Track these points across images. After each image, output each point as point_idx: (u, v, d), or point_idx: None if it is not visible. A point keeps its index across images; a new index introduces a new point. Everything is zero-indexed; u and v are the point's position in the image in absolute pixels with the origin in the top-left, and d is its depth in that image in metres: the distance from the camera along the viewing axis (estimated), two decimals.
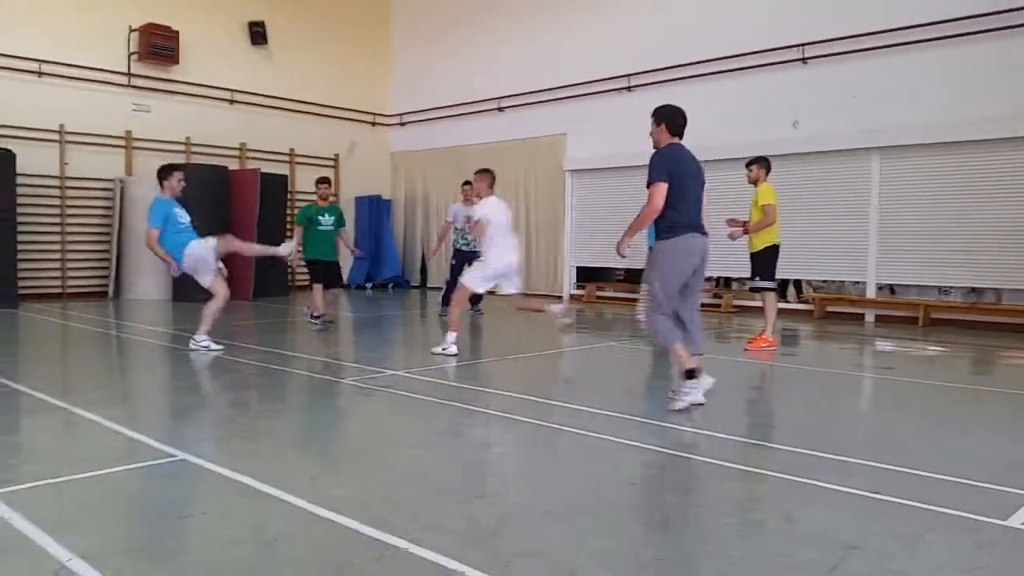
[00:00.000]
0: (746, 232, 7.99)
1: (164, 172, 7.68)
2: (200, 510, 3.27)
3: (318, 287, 9.47)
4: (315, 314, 9.34)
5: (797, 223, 11.10)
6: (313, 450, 4.30)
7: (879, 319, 10.95)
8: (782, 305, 11.71)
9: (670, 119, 5.30)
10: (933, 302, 10.88)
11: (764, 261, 8.02)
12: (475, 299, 11.13)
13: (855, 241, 11.05)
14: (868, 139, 10.79)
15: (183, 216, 7.54)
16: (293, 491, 3.32)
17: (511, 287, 7.55)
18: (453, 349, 7.24)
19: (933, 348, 8.71)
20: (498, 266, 7.40)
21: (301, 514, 3.10)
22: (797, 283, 13.12)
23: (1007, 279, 10.01)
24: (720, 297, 12.78)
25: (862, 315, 11.12)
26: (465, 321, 10.66)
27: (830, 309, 11.49)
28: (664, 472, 3.81)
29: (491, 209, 7.52)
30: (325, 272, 9.55)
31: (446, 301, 11.17)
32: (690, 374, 4.98)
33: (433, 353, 7.27)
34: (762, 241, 7.96)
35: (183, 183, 7.74)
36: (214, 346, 7.41)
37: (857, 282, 11.53)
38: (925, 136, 10.35)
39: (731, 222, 8.12)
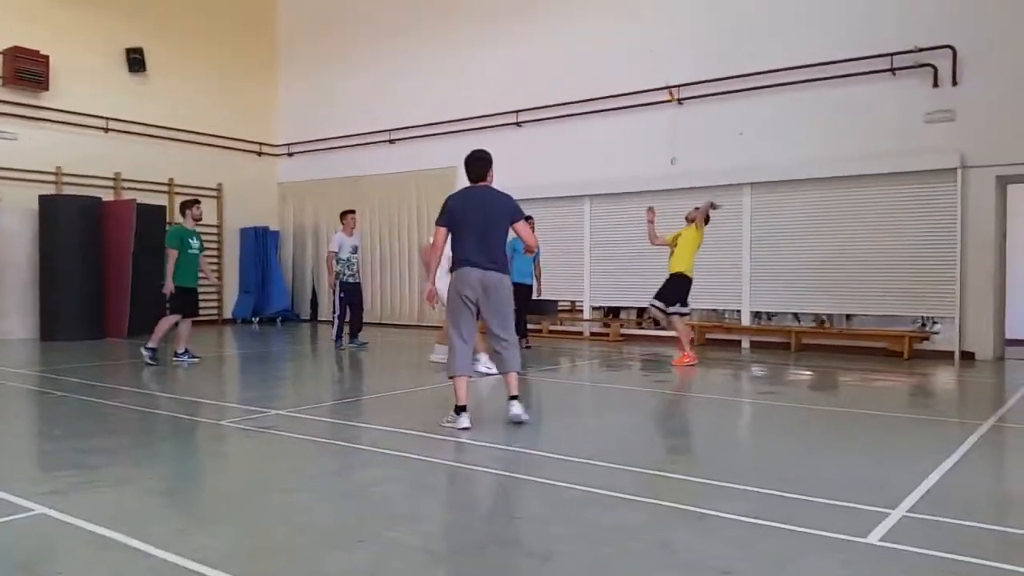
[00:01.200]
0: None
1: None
2: (58, 568, 3.05)
3: (174, 318, 9.10)
4: (151, 346, 8.98)
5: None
6: (185, 498, 4.10)
7: (754, 345, 11.48)
8: (669, 333, 12.15)
9: (466, 168, 5.80)
10: (803, 328, 11.50)
11: (673, 288, 9.13)
12: (355, 331, 11.05)
13: (731, 271, 11.58)
14: (741, 175, 11.38)
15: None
16: (159, 544, 3.14)
17: None
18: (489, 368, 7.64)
19: (803, 373, 9.18)
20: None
21: (167, 568, 2.94)
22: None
23: (862, 305, 10.75)
24: (608, 326, 13.07)
25: (739, 341, 11.62)
26: (352, 357, 10.49)
27: (709, 336, 11.97)
28: (548, 505, 3.83)
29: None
30: (191, 301, 9.27)
31: (339, 336, 11.03)
32: (460, 409, 5.47)
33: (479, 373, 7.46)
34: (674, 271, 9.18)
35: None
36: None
37: (732, 310, 12.09)
38: (788, 173, 11.02)
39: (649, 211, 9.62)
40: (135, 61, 14.79)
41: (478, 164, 5.72)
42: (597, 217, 12.90)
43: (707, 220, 9.47)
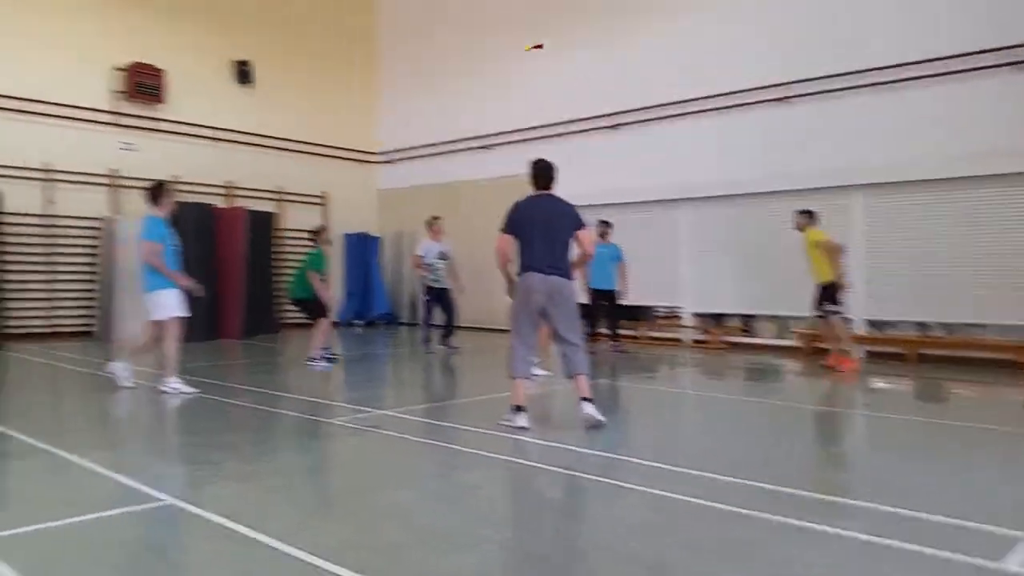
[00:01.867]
0: (841, 277, 9.19)
1: (158, 189, 7.49)
2: (185, 556, 3.20)
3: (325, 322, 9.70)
4: (326, 349, 9.58)
5: (784, 260, 11.17)
6: (299, 494, 4.23)
7: (869, 355, 10.96)
8: (779, 342, 11.80)
9: (532, 175, 5.98)
10: (922, 338, 10.89)
11: (829, 292, 9.16)
12: (447, 335, 11.22)
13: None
14: (850, 177, 10.92)
15: (175, 238, 7.46)
16: (278, 536, 3.26)
17: None
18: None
19: (922, 384, 8.73)
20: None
21: (286, 559, 3.05)
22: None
23: (986, 314, 10.06)
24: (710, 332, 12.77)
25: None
26: (447, 361, 10.62)
27: (820, 345, 11.49)
28: (657, 514, 3.76)
29: None
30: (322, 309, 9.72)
31: (426, 340, 11.23)
32: (517, 409, 5.65)
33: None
34: (826, 276, 9.16)
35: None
36: (186, 389, 7.23)
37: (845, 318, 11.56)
38: (903, 174, 10.49)
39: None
40: (243, 74, 15.47)
41: (548, 173, 5.93)
42: (696, 220, 12.63)
43: (798, 226, 9.49)
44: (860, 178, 10.89)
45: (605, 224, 11.53)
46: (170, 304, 7.26)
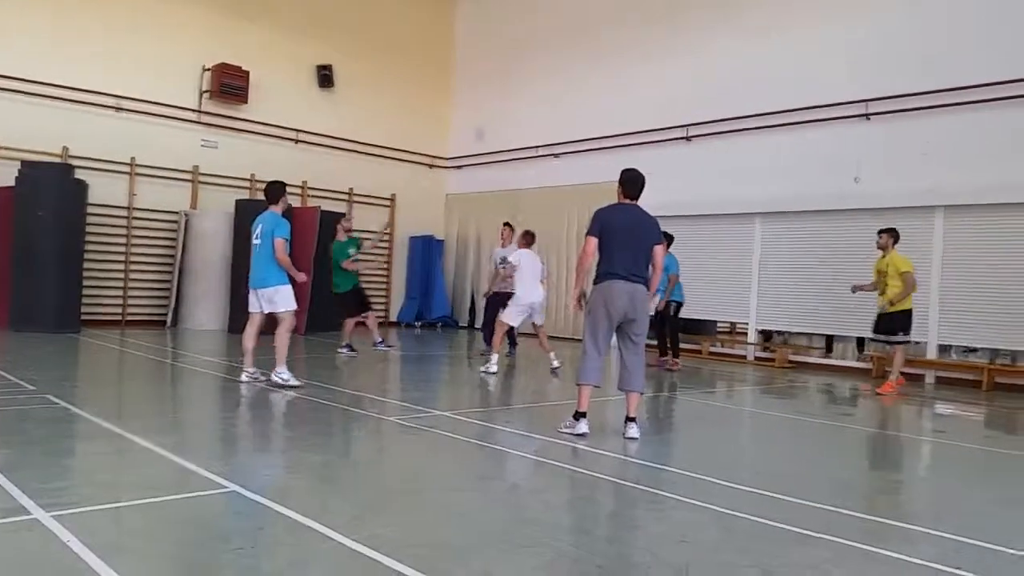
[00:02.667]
0: (891, 304, 8.96)
1: (280, 188, 7.71)
2: (248, 543, 3.27)
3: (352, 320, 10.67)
4: (347, 343, 10.43)
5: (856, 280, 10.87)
6: (358, 487, 4.28)
7: (940, 380, 10.57)
8: (844, 363, 11.49)
9: (622, 185, 5.90)
10: (996, 365, 10.48)
11: (904, 320, 9.03)
12: (511, 343, 11.24)
13: (916, 300, 10.72)
14: (932, 197, 10.55)
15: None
16: (337, 528, 3.31)
17: (539, 319, 9.75)
18: (494, 368, 9.05)
19: (996, 413, 8.36)
20: (525, 303, 9.44)
21: (345, 552, 3.09)
22: (860, 341, 12.75)
23: None
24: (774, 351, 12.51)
25: (923, 376, 10.75)
26: (507, 365, 10.63)
27: (888, 369, 11.12)
28: (718, 531, 3.68)
29: (524, 259, 9.63)
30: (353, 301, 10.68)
31: (488, 340, 11.29)
32: (579, 415, 5.69)
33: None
34: (901, 305, 8.95)
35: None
36: (294, 381, 7.28)
37: (917, 342, 11.17)
38: (983, 197, 10.10)
39: (856, 287, 9.57)
40: (324, 77, 15.83)
41: (637, 184, 5.88)
42: (768, 236, 12.37)
43: (881, 246, 9.23)
44: (940, 199, 10.52)
45: (665, 236, 11.25)
46: (290, 298, 7.44)
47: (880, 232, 9.20)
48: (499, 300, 11.33)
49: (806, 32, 12.05)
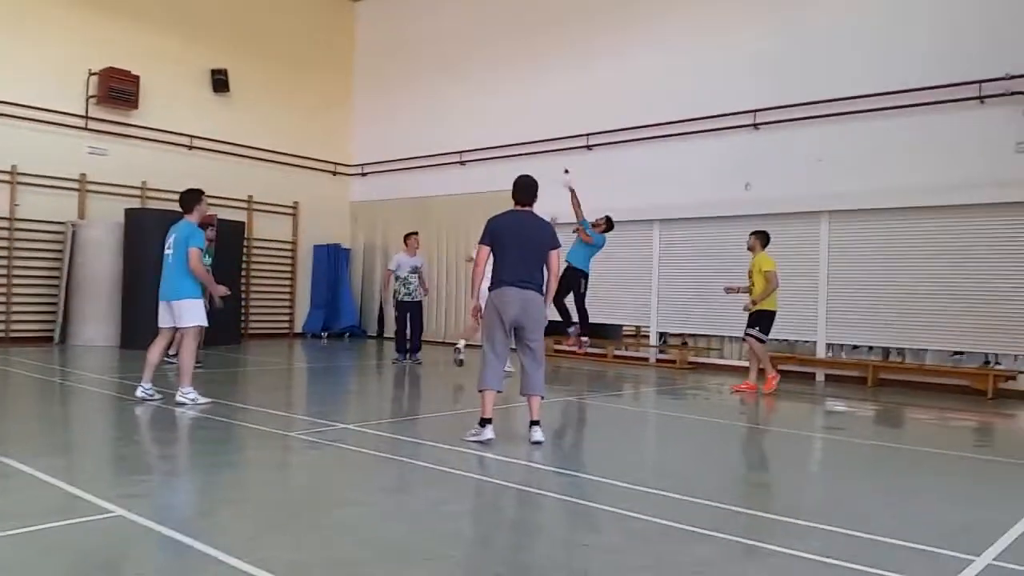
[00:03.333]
0: (754, 303, 9.17)
1: (195, 196, 7.38)
2: (135, 570, 3.13)
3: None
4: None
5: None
6: (254, 507, 4.17)
7: (829, 378, 11.12)
8: (742, 363, 11.90)
9: (514, 190, 6.03)
10: (881, 363, 11.11)
11: (765, 318, 9.22)
12: (415, 347, 11.28)
13: (806, 301, 11.28)
14: (819, 203, 11.10)
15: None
16: (230, 551, 3.21)
17: None
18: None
19: (879, 408, 8.86)
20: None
21: (236, 575, 3.00)
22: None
23: (949, 341, 10.30)
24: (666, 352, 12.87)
25: (813, 374, 11.28)
26: (412, 374, 10.57)
27: (781, 367, 11.62)
28: (619, 534, 3.76)
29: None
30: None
31: (401, 350, 11.24)
32: (484, 422, 5.72)
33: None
34: (764, 304, 9.18)
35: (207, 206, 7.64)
36: (201, 400, 7.05)
37: (807, 341, 11.74)
38: (873, 201, 10.70)
39: (728, 289, 9.75)
40: (219, 82, 15.35)
41: (530, 190, 5.98)
42: (666, 242, 12.75)
43: (751, 247, 9.45)
44: (827, 205, 11.09)
45: (607, 220, 11.03)
46: (198, 313, 7.16)
47: (751, 234, 9.49)
48: (408, 309, 11.35)
49: (702, 44, 12.48)
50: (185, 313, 7.08)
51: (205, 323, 7.31)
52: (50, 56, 13.20)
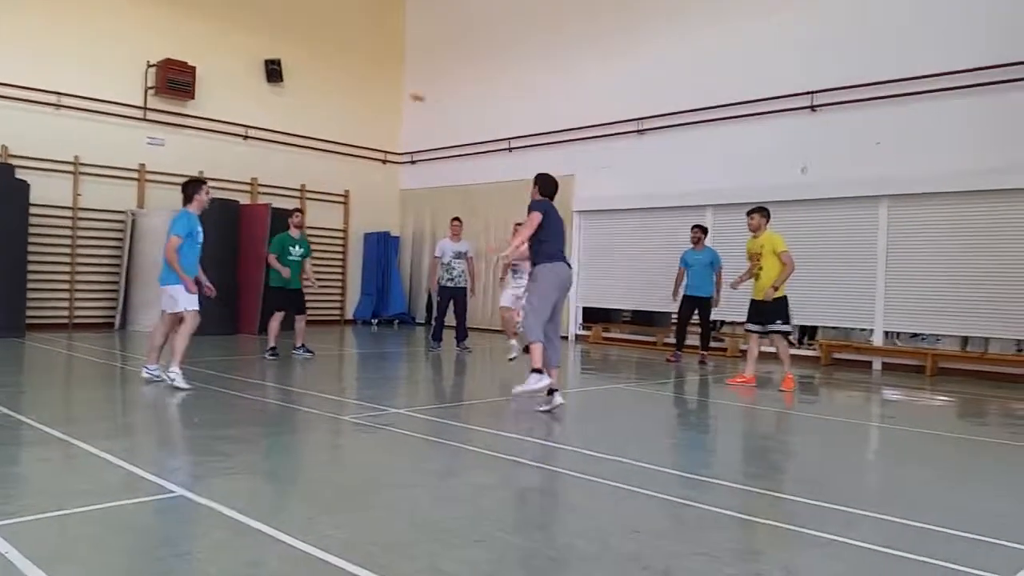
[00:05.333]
0: (775, 289, 8.19)
1: (196, 185, 7.58)
2: (196, 547, 3.23)
3: (278, 315, 9.94)
4: (272, 346, 9.82)
5: (805, 269, 11.16)
6: (310, 488, 4.25)
7: (886, 367, 10.86)
8: (795, 352, 11.68)
9: (542, 184, 6.71)
10: (941, 351, 10.81)
11: (784, 307, 8.35)
12: (462, 335, 11.35)
13: (863, 288, 11.01)
14: (877, 187, 10.81)
15: (201, 235, 7.50)
16: (288, 530, 3.28)
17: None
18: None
19: (940, 398, 8.62)
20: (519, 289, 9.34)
21: (295, 554, 3.06)
22: (804, 329, 13.03)
23: (1014, 330, 9.95)
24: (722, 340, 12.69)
25: (869, 363, 11.03)
26: (460, 361, 10.62)
27: (837, 356, 11.41)
28: (668, 520, 3.75)
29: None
30: (290, 300, 10.00)
31: (436, 337, 11.35)
32: (537, 371, 6.17)
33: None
34: (779, 291, 8.27)
35: (210, 196, 7.71)
36: (182, 383, 7.08)
37: (863, 329, 11.47)
38: (935, 185, 10.38)
39: (736, 284, 8.82)
40: (273, 72, 15.59)
41: (555, 186, 6.76)
42: (720, 227, 12.53)
43: (754, 227, 8.49)
44: (886, 189, 10.78)
45: (699, 229, 11.06)
46: (186, 298, 7.28)
47: (750, 213, 8.55)
48: (451, 296, 11.40)
49: (754, 24, 12.22)
50: (178, 297, 7.26)
51: (196, 307, 7.32)
52: (109, 48, 13.56)
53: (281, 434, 5.71)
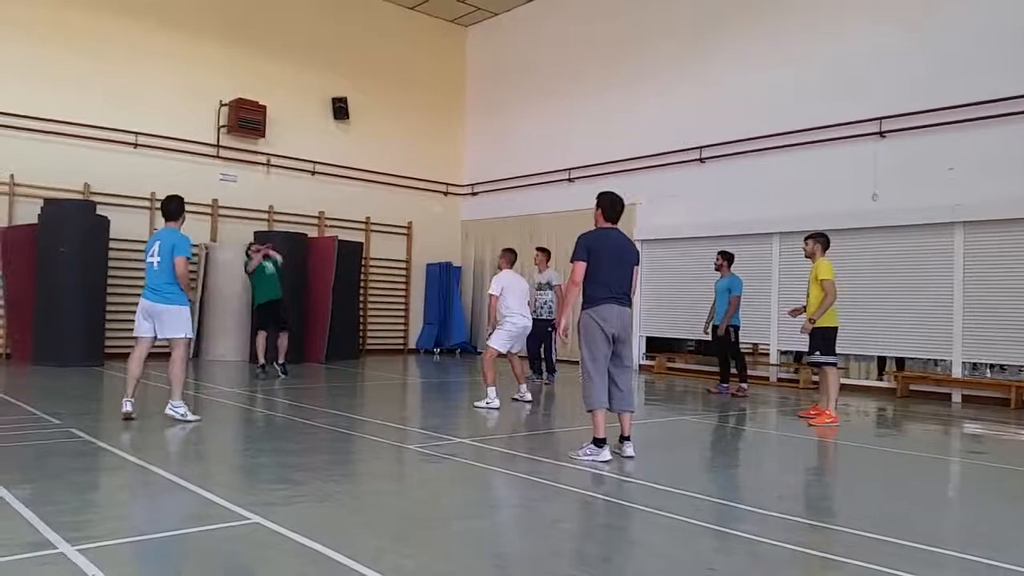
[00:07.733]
0: (812, 321, 7.95)
1: (181, 203, 7.41)
2: (271, 574, 3.27)
3: (261, 334, 10.52)
4: (261, 363, 10.34)
5: (877, 298, 10.93)
6: (379, 518, 4.27)
7: (966, 399, 10.42)
8: (871, 383, 11.34)
9: (606, 207, 6.01)
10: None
11: (822, 338, 8.02)
12: (550, 368, 11.19)
13: (940, 317, 10.63)
14: (952, 213, 10.47)
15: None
16: (361, 559, 3.30)
17: (518, 346, 9.02)
18: (496, 403, 8.32)
19: (1018, 431, 8.23)
20: (513, 329, 8.66)
21: None
22: (881, 360, 12.63)
23: None
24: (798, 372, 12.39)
25: (948, 395, 10.60)
26: (537, 390, 10.58)
27: (914, 388, 11.00)
28: (745, 558, 3.64)
29: (507, 281, 8.73)
30: (270, 315, 10.66)
31: (535, 369, 11.17)
32: (599, 442, 5.63)
33: (476, 407, 8.16)
34: (821, 320, 7.95)
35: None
36: (191, 416, 6.97)
37: (940, 360, 11.05)
38: (1012, 211, 10.00)
39: (793, 312, 8.72)
40: (339, 110, 16.04)
41: (618, 207, 6.02)
42: (786, 255, 12.27)
43: (810, 254, 8.23)
44: (961, 215, 10.43)
45: (721, 256, 10.62)
46: (186, 322, 7.12)
47: (806, 239, 8.32)
48: (541, 327, 10.98)
49: (823, 49, 12.07)
50: (174, 322, 6.99)
51: (192, 334, 7.18)
52: (183, 88, 14.16)
53: (351, 463, 5.78)
